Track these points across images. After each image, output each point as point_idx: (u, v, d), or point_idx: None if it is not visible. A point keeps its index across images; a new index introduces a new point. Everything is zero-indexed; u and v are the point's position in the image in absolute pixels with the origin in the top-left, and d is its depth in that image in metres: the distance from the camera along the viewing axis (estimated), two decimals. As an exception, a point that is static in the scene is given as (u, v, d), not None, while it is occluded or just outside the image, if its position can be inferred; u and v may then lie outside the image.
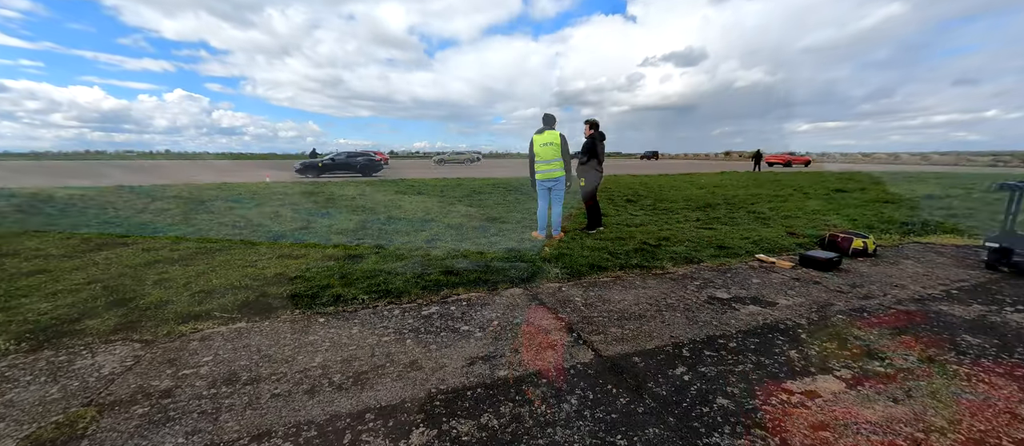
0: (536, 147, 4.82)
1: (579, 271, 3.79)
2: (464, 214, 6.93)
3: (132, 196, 9.05)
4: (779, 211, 7.11)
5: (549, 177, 4.86)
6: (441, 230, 5.55)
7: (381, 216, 6.67)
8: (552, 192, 4.98)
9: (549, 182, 4.89)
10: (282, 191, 10.50)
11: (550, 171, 4.84)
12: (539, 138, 4.83)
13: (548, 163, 4.82)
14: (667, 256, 4.26)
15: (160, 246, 4.65)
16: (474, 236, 5.17)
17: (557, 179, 4.88)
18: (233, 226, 5.79)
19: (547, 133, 4.82)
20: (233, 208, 7.49)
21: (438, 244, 4.74)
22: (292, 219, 6.41)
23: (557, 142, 4.78)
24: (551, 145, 4.78)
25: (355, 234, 5.29)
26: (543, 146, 4.79)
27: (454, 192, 10.60)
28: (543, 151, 4.80)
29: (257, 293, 3.14)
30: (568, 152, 4.90)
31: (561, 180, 4.90)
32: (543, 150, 4.80)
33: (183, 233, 5.31)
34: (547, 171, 4.84)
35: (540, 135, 4.85)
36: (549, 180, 4.88)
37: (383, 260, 4.06)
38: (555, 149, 4.78)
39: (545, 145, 4.79)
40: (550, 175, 4.85)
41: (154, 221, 6.23)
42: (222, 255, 4.27)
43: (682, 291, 3.37)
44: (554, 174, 4.84)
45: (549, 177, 4.86)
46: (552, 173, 4.84)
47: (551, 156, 4.80)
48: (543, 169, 4.85)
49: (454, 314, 2.89)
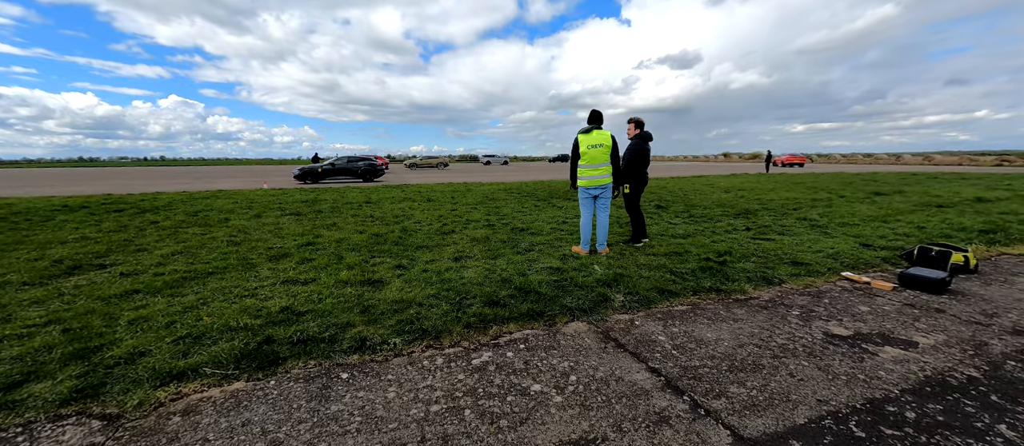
0: (583, 148, 4.18)
1: (647, 297, 3.15)
2: (485, 224, 6.28)
3: (115, 207, 8.34)
4: (832, 218, 6.49)
5: (596, 184, 4.21)
6: (466, 244, 4.90)
7: (394, 228, 6.01)
8: (598, 201, 4.33)
9: (596, 189, 4.25)
10: (282, 199, 9.82)
11: (598, 177, 4.19)
12: (586, 138, 4.19)
13: (596, 167, 4.18)
14: (740, 275, 3.63)
15: (143, 268, 3.97)
16: (505, 252, 4.52)
17: (605, 186, 4.24)
18: (229, 241, 5.12)
19: (595, 133, 4.18)
20: (228, 219, 6.81)
21: (468, 263, 4.08)
22: (295, 232, 5.74)
23: (608, 144, 4.14)
24: (601, 147, 4.14)
25: (370, 250, 4.63)
26: (591, 148, 4.15)
27: (466, 199, 9.95)
28: (591, 154, 4.16)
29: (259, 336, 2.48)
30: (619, 155, 4.27)
31: (609, 188, 4.26)
32: (591, 153, 4.16)
33: (171, 251, 4.63)
34: (595, 177, 4.20)
35: (587, 135, 4.21)
36: (596, 187, 4.23)
37: (408, 285, 3.40)
38: (605, 152, 4.14)
39: (593, 147, 4.15)
40: (598, 181, 4.20)
41: (138, 237, 5.54)
42: (216, 280, 3.60)
43: (785, 324, 2.73)
44: (602, 180, 4.20)
45: (596, 184, 4.21)
46: (600, 179, 4.20)
47: (600, 160, 4.16)
48: (590, 174, 4.21)
49: (515, 364, 2.24)
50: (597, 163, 4.17)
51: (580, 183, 4.30)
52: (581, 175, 4.26)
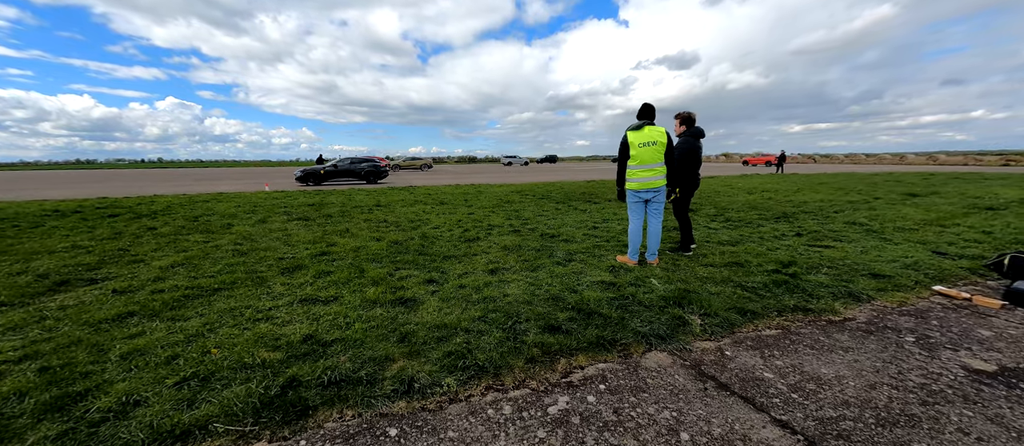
0: (634, 148, 3.73)
1: (727, 320, 2.70)
2: (510, 230, 5.83)
3: (110, 211, 7.86)
4: (882, 222, 6.05)
5: (648, 187, 3.76)
6: (497, 253, 4.44)
7: (412, 235, 5.55)
8: (649, 206, 3.88)
9: (647, 193, 3.79)
10: (286, 202, 9.35)
11: (651, 179, 3.74)
12: (637, 136, 3.74)
13: (649, 169, 3.73)
14: (822, 291, 3.19)
15: (139, 283, 3.51)
16: (543, 262, 4.07)
17: (658, 189, 3.79)
18: (235, 251, 4.65)
19: (648, 129, 3.73)
20: (231, 225, 6.34)
21: (506, 276, 3.63)
22: (306, 240, 5.28)
23: (662, 142, 3.70)
24: (654, 145, 3.69)
25: (392, 260, 4.17)
26: (643, 146, 3.70)
27: (480, 201, 9.50)
28: (643, 153, 3.71)
29: (281, 377, 2.02)
30: (673, 155, 3.82)
31: (663, 191, 3.81)
32: (643, 152, 3.71)
33: (171, 263, 4.16)
34: (647, 179, 3.74)
35: (638, 132, 3.76)
36: (648, 190, 3.78)
37: (446, 305, 2.94)
38: (659, 150, 3.70)
39: (646, 145, 3.70)
40: (650, 184, 3.75)
41: (134, 245, 5.07)
42: (222, 298, 3.14)
43: (907, 356, 2.29)
44: (655, 183, 3.75)
45: (648, 187, 3.76)
46: (653, 181, 3.75)
47: (653, 159, 3.71)
48: (641, 176, 3.76)
49: (602, 414, 1.79)
50: (650, 163, 3.71)
51: (629, 186, 3.84)
52: (631, 177, 3.81)
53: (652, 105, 3.83)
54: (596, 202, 9.06)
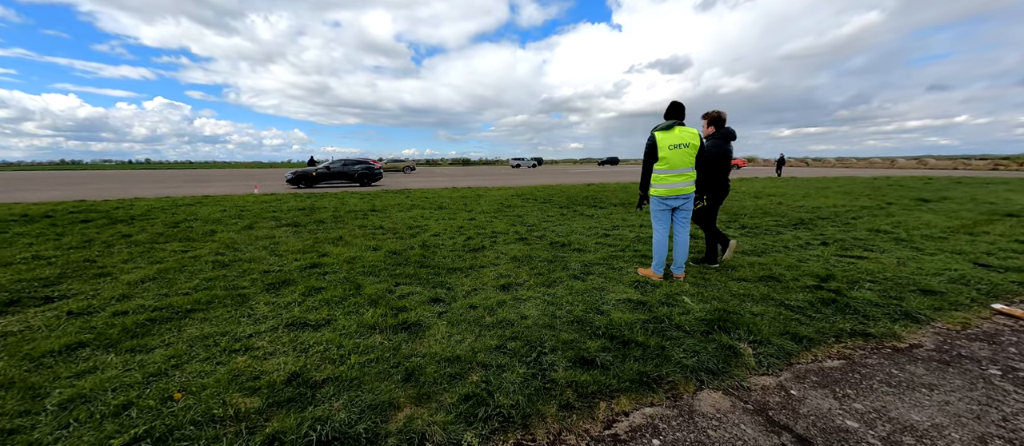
0: (663, 150, 3.38)
1: (782, 348, 2.35)
2: (516, 238, 5.45)
3: (83, 216, 7.34)
4: (906, 229, 5.76)
5: (677, 193, 3.41)
6: (506, 265, 4.06)
7: (412, 243, 5.15)
8: (677, 214, 3.53)
9: (676, 200, 3.44)
10: (275, 206, 8.87)
11: (680, 185, 3.39)
12: (666, 137, 3.39)
13: (679, 173, 3.38)
14: (872, 311, 2.86)
15: (100, 303, 3.06)
16: (558, 275, 3.70)
17: (688, 196, 3.44)
18: (215, 262, 4.21)
19: (679, 130, 3.38)
20: (215, 232, 5.88)
21: (520, 292, 3.25)
22: (296, 248, 4.85)
23: (695, 144, 3.35)
24: (685, 148, 3.34)
25: (390, 274, 3.77)
26: (673, 149, 3.35)
27: (479, 206, 9.11)
28: (673, 156, 3.36)
29: (259, 435, 1.62)
30: (705, 159, 3.47)
31: (692, 198, 3.47)
32: (673, 155, 3.35)
33: (141, 277, 3.71)
34: (676, 184, 3.39)
35: (667, 132, 3.40)
36: (677, 197, 3.43)
37: (456, 330, 2.56)
38: (690, 154, 3.35)
39: (676, 147, 3.35)
40: (679, 190, 3.40)
41: (103, 256, 4.60)
42: (196, 322, 2.71)
43: (1002, 394, 1.95)
44: (684, 189, 3.40)
45: (677, 193, 3.41)
46: (683, 188, 3.39)
47: (684, 163, 3.36)
48: (670, 181, 3.41)
49: (669, 486, 1.42)
50: (680, 168, 3.36)
51: (656, 192, 3.49)
52: (658, 182, 3.46)
53: (682, 103, 3.48)
54: (602, 207, 8.73)
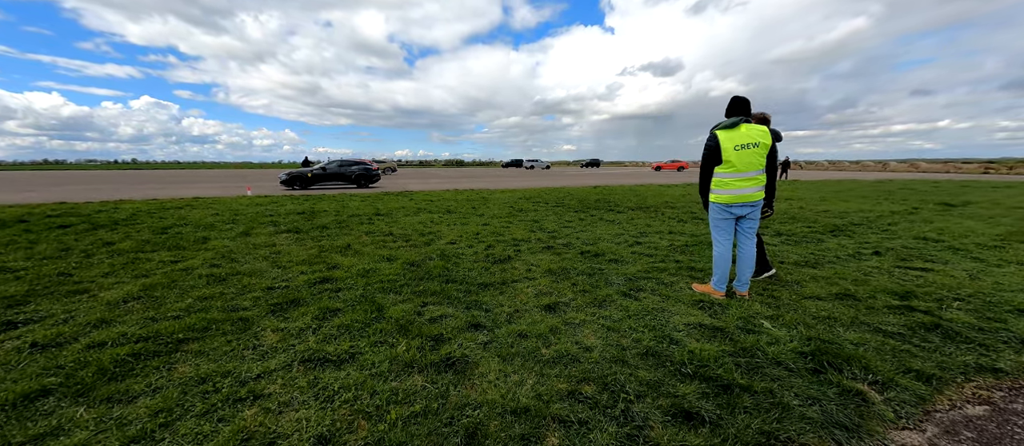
0: (727, 150, 2.95)
1: (911, 391, 1.94)
2: (542, 246, 5.00)
3: (62, 222, 6.74)
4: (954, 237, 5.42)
5: (744, 200, 2.99)
6: (541, 280, 3.61)
7: (429, 252, 4.68)
8: (742, 223, 3.12)
9: (742, 208, 3.02)
10: (272, 209, 8.33)
11: (748, 190, 2.97)
12: (731, 136, 2.96)
13: (746, 177, 2.95)
14: (985, 338, 2.47)
15: (73, 331, 2.56)
16: (604, 292, 3.26)
17: (755, 204, 3.03)
18: (210, 276, 3.71)
19: (746, 128, 2.95)
20: (207, 239, 5.36)
21: (569, 315, 2.80)
22: (300, 259, 4.35)
23: (765, 143, 2.93)
24: (754, 148, 2.91)
25: (413, 290, 3.30)
26: (740, 149, 2.92)
27: (489, 209, 8.65)
28: (741, 158, 2.93)
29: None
30: (776, 160, 3.06)
31: (759, 206, 3.06)
32: (740, 156, 2.93)
33: (124, 295, 3.20)
34: (743, 190, 2.97)
35: (732, 130, 2.97)
36: (743, 205, 3.01)
37: (509, 367, 2.11)
38: (760, 154, 2.93)
39: (744, 147, 2.92)
40: (746, 197, 2.98)
41: (82, 268, 4.07)
42: (190, 356, 2.23)
43: None
44: (753, 196, 2.98)
45: (744, 200, 2.99)
46: (751, 194, 2.98)
47: (753, 166, 2.93)
48: (736, 187, 2.99)
49: None
50: (748, 171, 2.94)
51: (718, 198, 3.07)
52: (721, 187, 3.04)
53: (747, 99, 3.07)
54: (619, 211, 8.32)
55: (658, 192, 13.22)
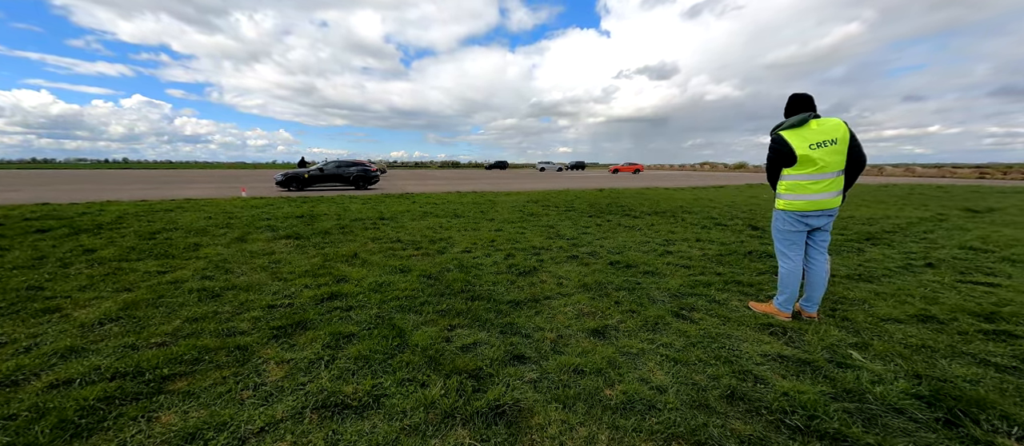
0: (800, 150, 2.55)
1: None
2: (564, 255, 4.61)
3: (40, 225, 6.26)
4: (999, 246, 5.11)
5: (821, 207, 2.61)
6: (576, 295, 3.22)
7: (444, 262, 4.27)
8: (814, 236, 2.75)
9: (818, 216, 2.65)
10: (269, 212, 7.87)
11: (825, 196, 2.59)
12: (803, 135, 2.56)
13: (824, 180, 2.56)
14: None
15: (37, 361, 2.13)
16: (650, 310, 2.88)
17: (832, 211, 2.66)
18: (201, 291, 3.28)
19: (817, 124, 2.56)
20: (200, 247, 4.91)
21: (621, 341, 2.42)
22: (303, 269, 3.93)
23: (844, 138, 2.51)
24: (831, 145, 2.52)
25: (436, 309, 2.90)
26: (816, 148, 2.53)
27: (497, 213, 8.25)
28: (815, 158, 2.53)
29: None
30: (861, 157, 2.57)
31: (836, 212, 2.69)
32: (815, 157, 2.53)
33: (100, 316, 2.77)
34: (819, 196, 2.59)
35: (802, 129, 2.58)
36: (818, 213, 2.63)
37: (572, 414, 1.73)
38: (839, 153, 2.53)
39: (819, 146, 2.53)
40: (823, 204, 2.60)
41: (56, 280, 3.63)
42: (177, 400, 1.82)
43: None
44: (830, 202, 2.61)
45: (821, 207, 2.61)
46: (828, 200, 2.59)
47: (831, 166, 2.54)
48: (810, 191, 2.60)
49: None
50: (825, 173, 2.56)
51: (788, 205, 2.68)
52: (792, 191, 2.66)
53: (808, 95, 2.69)
54: (636, 216, 7.95)
55: (667, 196, 12.90)
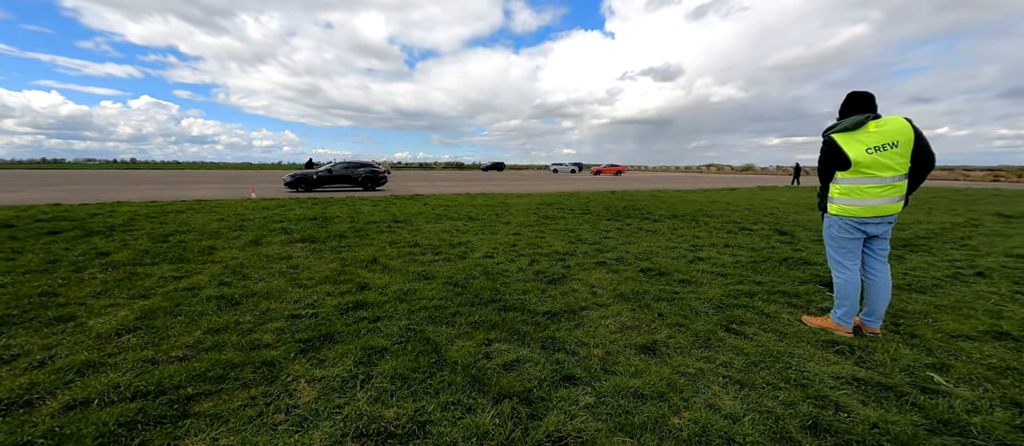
0: (855, 153, 2.35)
1: None
2: (592, 262, 4.43)
3: (52, 227, 6.17)
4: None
5: (881, 213, 2.40)
6: (621, 310, 3.03)
7: (467, 269, 4.11)
8: (873, 244, 2.55)
9: (877, 224, 2.45)
10: (281, 214, 7.76)
11: (885, 201, 2.38)
12: (860, 139, 2.36)
13: (886, 184, 2.36)
14: None
15: (53, 378, 1.99)
16: (709, 331, 2.70)
17: (892, 218, 2.46)
18: (220, 299, 3.13)
19: (875, 126, 2.35)
20: (214, 250, 4.78)
21: (680, 362, 2.24)
22: (322, 275, 3.78)
23: (907, 139, 2.31)
24: (893, 149, 2.32)
25: (469, 321, 2.73)
26: (874, 151, 2.33)
27: (513, 216, 8.08)
28: (873, 162, 2.34)
29: None
30: (928, 158, 2.34)
31: (896, 218, 2.49)
32: (873, 161, 2.33)
33: (117, 326, 2.63)
34: (879, 201, 2.39)
35: (859, 132, 2.38)
36: (877, 218, 2.43)
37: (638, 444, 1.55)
38: (901, 155, 2.33)
39: (878, 149, 2.32)
40: (883, 209, 2.40)
41: (70, 285, 3.50)
42: (205, 424, 1.66)
43: None
44: (890, 207, 2.40)
45: (881, 213, 2.40)
46: (888, 205, 2.39)
47: (892, 170, 2.33)
48: (869, 196, 2.40)
49: None
50: (887, 176, 2.36)
51: (843, 210, 2.47)
52: (849, 196, 2.45)
53: (869, 93, 2.49)
54: (656, 219, 7.76)
55: (682, 199, 12.68)
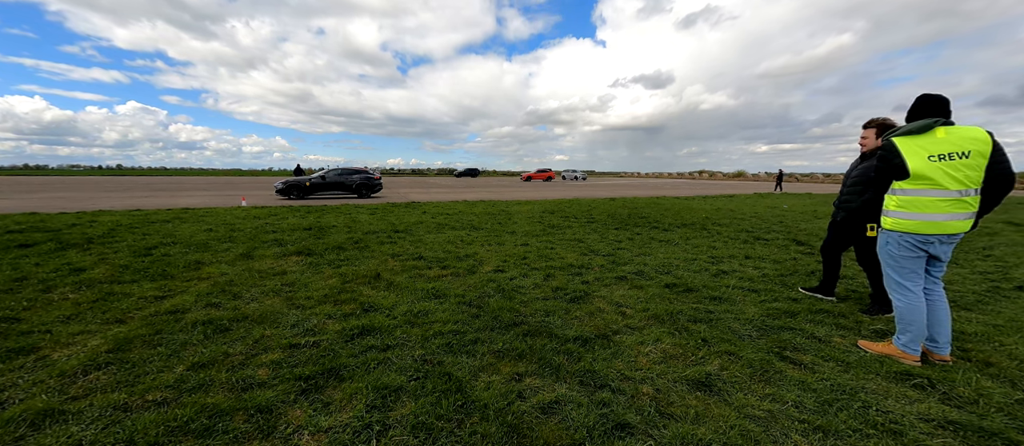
0: (918, 162, 2.14)
1: None
2: (611, 277, 4.15)
3: (24, 239, 5.72)
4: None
5: (944, 231, 2.17)
6: (659, 335, 2.75)
7: (478, 284, 3.80)
8: (936, 265, 2.32)
9: (944, 242, 2.22)
10: (273, 224, 7.37)
11: (952, 217, 2.15)
12: (921, 144, 2.16)
13: (955, 198, 2.13)
14: None
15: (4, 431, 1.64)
16: (764, 361, 2.43)
17: (958, 236, 2.22)
18: (208, 324, 2.78)
19: (944, 132, 2.14)
20: (202, 265, 4.41)
21: (739, 401, 1.96)
22: (321, 293, 3.44)
23: (983, 150, 2.08)
24: (963, 159, 2.09)
25: (489, 347, 2.42)
26: (938, 160, 2.11)
27: (518, 225, 7.78)
28: (938, 173, 2.12)
29: None
30: (1007, 177, 2.13)
31: (960, 238, 2.25)
32: (938, 171, 2.12)
33: (87, 359, 2.27)
34: (946, 216, 2.15)
35: (922, 137, 2.17)
36: (943, 236, 2.20)
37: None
38: (974, 169, 2.10)
39: (944, 158, 2.11)
40: (950, 226, 2.16)
41: (37, 307, 3.12)
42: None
43: None
44: (957, 225, 2.16)
45: (944, 231, 2.17)
46: (956, 222, 2.15)
47: (957, 183, 2.11)
48: (934, 210, 2.16)
49: None
50: (951, 189, 2.12)
51: (903, 225, 2.24)
52: (910, 209, 2.22)
53: (944, 97, 2.27)
54: (665, 228, 7.52)
55: (686, 206, 12.51)
